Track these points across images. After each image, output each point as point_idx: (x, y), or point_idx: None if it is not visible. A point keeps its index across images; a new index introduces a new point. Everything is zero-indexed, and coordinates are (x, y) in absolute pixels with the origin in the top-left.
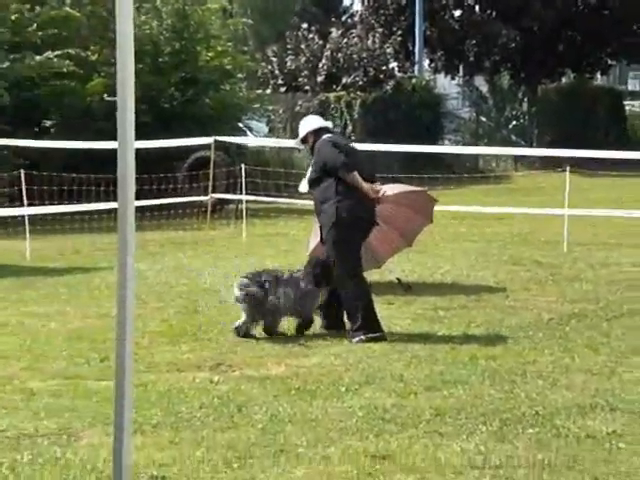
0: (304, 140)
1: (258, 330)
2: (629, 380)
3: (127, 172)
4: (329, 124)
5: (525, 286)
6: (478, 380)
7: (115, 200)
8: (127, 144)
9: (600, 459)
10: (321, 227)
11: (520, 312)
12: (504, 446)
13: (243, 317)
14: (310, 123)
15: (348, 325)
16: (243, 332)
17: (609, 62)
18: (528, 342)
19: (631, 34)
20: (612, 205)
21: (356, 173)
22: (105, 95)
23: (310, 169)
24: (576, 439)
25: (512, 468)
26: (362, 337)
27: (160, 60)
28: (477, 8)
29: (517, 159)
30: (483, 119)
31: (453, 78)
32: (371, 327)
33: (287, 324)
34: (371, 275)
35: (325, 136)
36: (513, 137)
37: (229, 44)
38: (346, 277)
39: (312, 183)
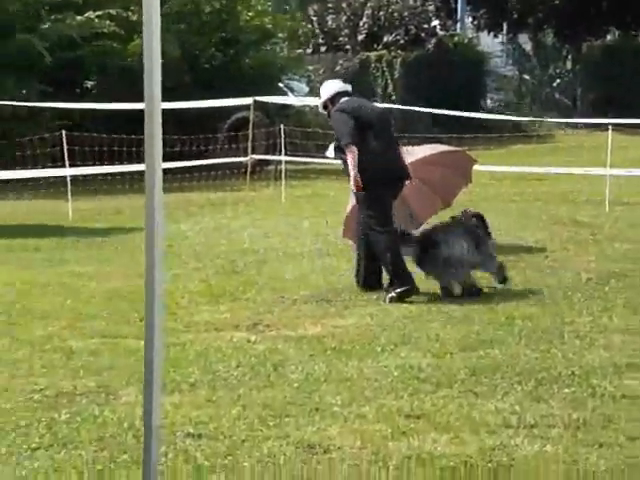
0: (325, 106)
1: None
2: None
3: (154, 131)
4: (348, 87)
5: (564, 246)
6: (514, 340)
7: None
8: (154, 103)
9: (636, 418)
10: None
11: (559, 272)
12: (539, 405)
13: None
14: (327, 89)
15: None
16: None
17: None
18: (566, 302)
19: None
20: None
21: (352, 148)
22: None
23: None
24: (612, 398)
25: (546, 427)
26: (393, 294)
27: (200, 20)
28: None
29: (561, 118)
30: (526, 77)
31: (496, 36)
32: (402, 281)
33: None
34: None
35: (342, 101)
36: (556, 95)
37: (269, 3)
38: (376, 234)
39: (336, 149)
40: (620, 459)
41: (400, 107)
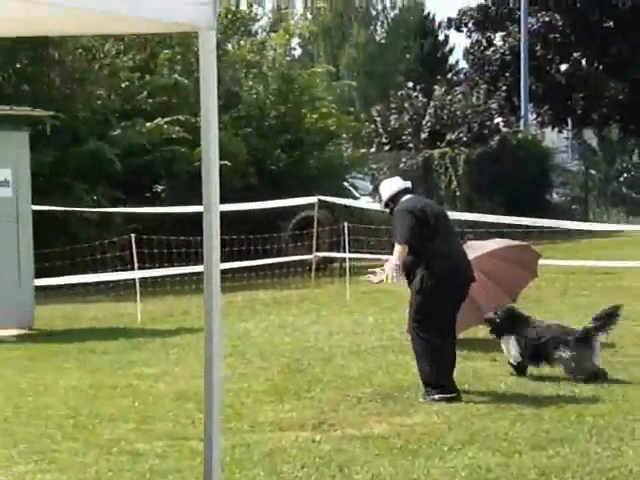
0: (387, 205)
1: None
2: None
3: (212, 233)
4: (408, 184)
5: (635, 341)
6: (585, 438)
7: (225, 261)
8: (212, 207)
9: None
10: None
11: (629, 368)
12: None
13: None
14: (389, 187)
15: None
16: None
17: None
18: (637, 398)
19: None
20: None
21: (402, 248)
22: None
23: None
24: None
25: None
26: (435, 397)
27: (266, 124)
28: (584, 62)
29: (629, 212)
30: (592, 172)
31: (560, 131)
32: (447, 388)
33: None
34: (477, 331)
35: (402, 201)
36: (624, 189)
37: (333, 106)
38: (419, 339)
39: None
40: None
41: (462, 214)
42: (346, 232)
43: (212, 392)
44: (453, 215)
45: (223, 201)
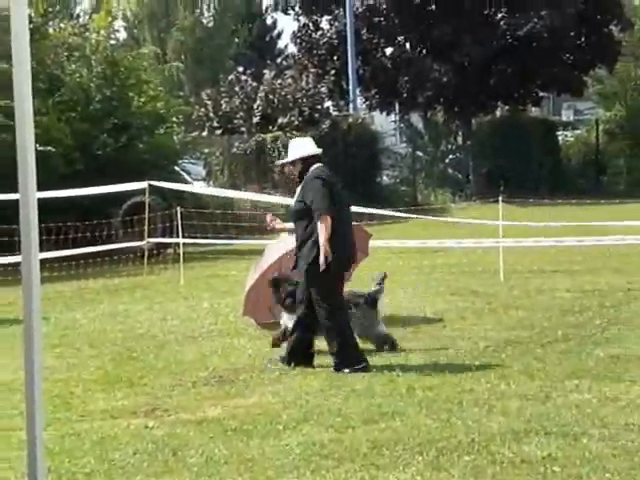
0: (294, 163)
1: None
2: (563, 404)
3: (30, 220)
4: (319, 151)
5: (462, 315)
6: (415, 411)
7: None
8: (29, 194)
9: None
10: (298, 257)
11: (457, 341)
12: (440, 475)
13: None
14: (301, 148)
15: (333, 358)
16: None
17: (540, 94)
18: (465, 371)
19: (560, 65)
20: (545, 234)
21: (327, 220)
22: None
23: (295, 198)
24: (511, 464)
25: None
26: (346, 370)
27: (91, 107)
28: (408, 45)
29: (454, 192)
30: (420, 154)
31: (389, 115)
32: (354, 360)
33: None
34: None
35: (315, 168)
36: (450, 170)
37: (161, 89)
38: (328, 311)
39: (295, 214)
40: None
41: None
42: (179, 217)
43: (33, 382)
44: (286, 200)
45: (48, 187)
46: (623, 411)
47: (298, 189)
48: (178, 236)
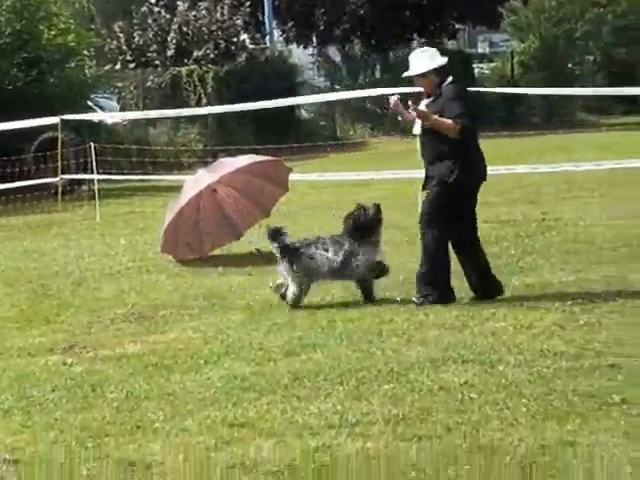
0: (424, 75)
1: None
2: (480, 332)
3: None
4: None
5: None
6: (336, 342)
7: None
8: None
9: (452, 410)
10: (428, 177)
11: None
12: (360, 404)
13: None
14: (433, 59)
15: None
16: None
17: (456, 26)
18: (385, 302)
19: None
20: None
21: (461, 127)
22: None
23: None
24: (430, 392)
25: (368, 424)
26: (429, 300)
27: (1, 42)
28: None
29: (374, 126)
30: (337, 87)
31: (306, 48)
32: (445, 293)
33: None
34: (230, 247)
35: (450, 80)
36: (368, 105)
37: (71, 21)
38: (432, 242)
39: (427, 130)
40: (438, 450)
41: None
42: (93, 153)
43: None
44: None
45: None
46: (538, 338)
47: (423, 102)
48: (93, 172)
